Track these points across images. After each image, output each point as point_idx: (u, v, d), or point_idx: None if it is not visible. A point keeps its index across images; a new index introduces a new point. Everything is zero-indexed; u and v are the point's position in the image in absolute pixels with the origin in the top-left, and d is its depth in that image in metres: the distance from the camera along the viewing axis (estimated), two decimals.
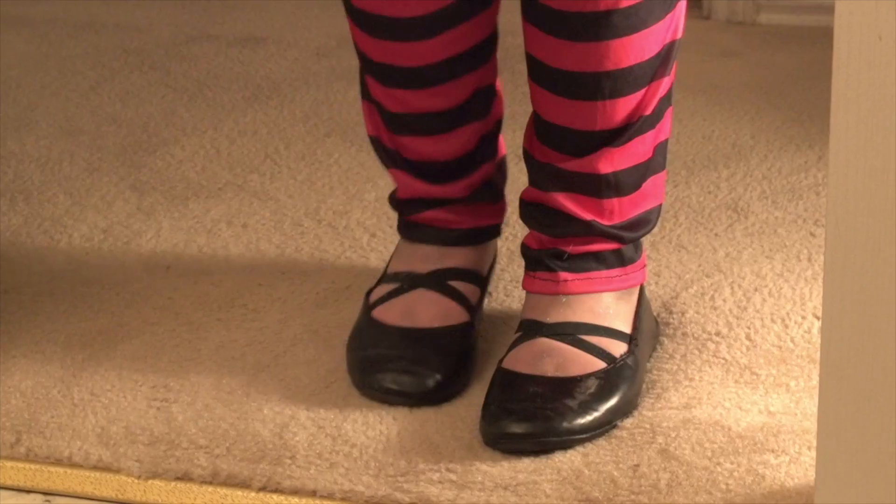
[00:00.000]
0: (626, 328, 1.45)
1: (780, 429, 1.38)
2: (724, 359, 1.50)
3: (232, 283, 1.70)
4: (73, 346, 1.58)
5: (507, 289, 1.65)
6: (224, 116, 2.19)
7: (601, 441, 1.37)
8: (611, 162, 1.41)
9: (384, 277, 1.55)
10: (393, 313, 1.50)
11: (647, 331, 1.49)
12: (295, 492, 1.34)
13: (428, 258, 1.54)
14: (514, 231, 1.78)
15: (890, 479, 1.07)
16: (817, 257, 1.69)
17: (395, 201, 1.58)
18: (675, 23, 1.40)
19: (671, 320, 1.58)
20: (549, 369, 1.40)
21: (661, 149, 1.45)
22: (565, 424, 1.36)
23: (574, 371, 1.40)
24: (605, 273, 1.45)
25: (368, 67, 1.49)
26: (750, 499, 1.29)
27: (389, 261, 1.58)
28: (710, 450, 1.35)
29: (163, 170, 2.01)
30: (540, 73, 1.41)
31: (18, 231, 1.85)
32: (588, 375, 1.40)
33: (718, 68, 2.31)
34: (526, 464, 1.35)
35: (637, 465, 1.34)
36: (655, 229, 1.58)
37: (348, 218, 1.85)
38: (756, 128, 2.07)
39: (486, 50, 1.49)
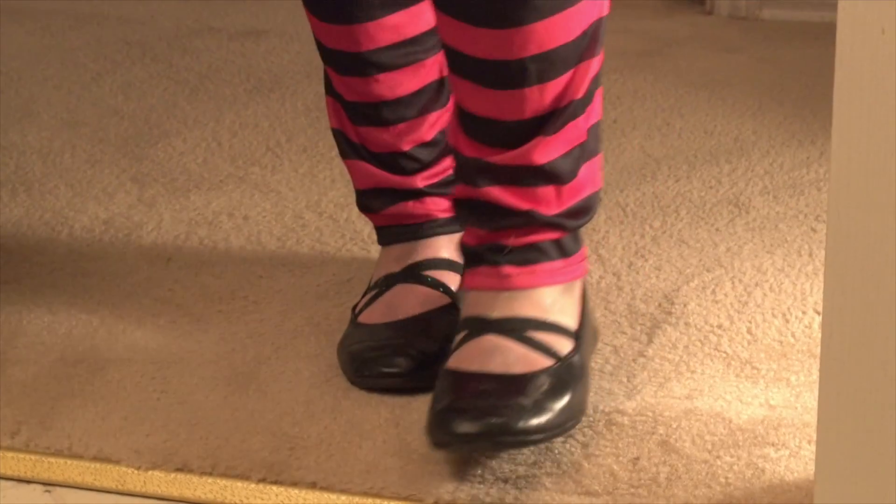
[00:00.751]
0: (572, 323, 1.39)
1: (780, 422, 1.38)
2: (725, 352, 1.50)
3: (233, 275, 1.70)
4: (73, 337, 1.58)
5: None
6: (226, 109, 2.19)
7: (602, 431, 1.37)
8: (545, 151, 1.35)
9: (367, 289, 1.55)
10: (375, 314, 1.51)
11: (589, 328, 1.43)
12: (294, 483, 1.34)
13: (401, 257, 1.55)
14: None
15: (889, 473, 1.07)
16: (818, 252, 1.69)
17: (360, 199, 1.57)
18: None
19: (673, 310, 1.58)
20: (497, 366, 1.34)
21: (594, 132, 1.39)
22: (520, 424, 1.29)
23: (523, 368, 1.34)
24: (547, 265, 1.39)
25: (324, 55, 1.51)
26: (749, 493, 1.29)
27: (372, 274, 1.59)
28: (710, 442, 1.35)
29: (164, 162, 2.01)
30: (460, 64, 1.35)
31: (20, 222, 1.85)
32: (538, 373, 1.34)
33: (721, 64, 2.31)
34: (525, 456, 1.35)
35: (637, 458, 1.34)
36: (597, 216, 1.58)
37: (349, 210, 1.85)
38: (758, 123, 2.07)
39: (435, 38, 1.48)
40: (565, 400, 1.33)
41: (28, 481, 1.38)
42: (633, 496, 1.29)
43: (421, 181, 1.54)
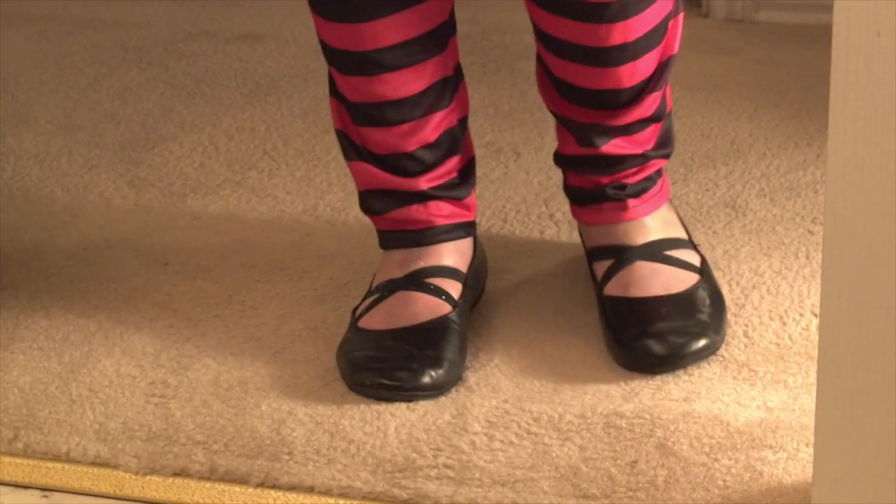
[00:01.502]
0: (685, 233, 1.58)
1: (778, 425, 1.38)
2: (722, 355, 1.50)
3: (230, 279, 1.70)
4: (71, 342, 1.58)
5: (504, 286, 1.65)
6: (222, 113, 2.19)
7: (600, 435, 1.37)
8: (653, 103, 1.52)
9: (368, 293, 1.55)
10: (376, 319, 1.51)
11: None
12: (293, 488, 1.34)
13: (403, 263, 1.55)
14: (512, 228, 1.78)
15: (887, 475, 1.07)
16: (815, 255, 1.69)
17: (363, 200, 1.57)
18: None
19: None
20: (662, 289, 1.50)
21: (670, 64, 1.53)
22: (704, 341, 1.47)
23: (683, 286, 1.51)
24: (655, 190, 1.56)
25: (328, 55, 1.51)
26: (747, 495, 1.29)
27: (373, 277, 1.58)
28: (708, 445, 1.35)
29: (161, 166, 2.01)
30: (556, 47, 1.48)
31: (17, 227, 1.85)
32: (696, 288, 1.51)
33: (717, 66, 2.31)
34: (524, 459, 1.35)
35: (635, 462, 1.34)
36: None
37: (346, 214, 1.85)
38: (755, 125, 2.07)
39: (441, 37, 1.49)
40: (724, 307, 1.53)
41: (26, 486, 1.38)
42: (632, 499, 1.29)
43: (424, 183, 1.53)
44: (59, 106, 2.24)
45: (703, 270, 1.55)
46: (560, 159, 1.59)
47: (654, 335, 1.46)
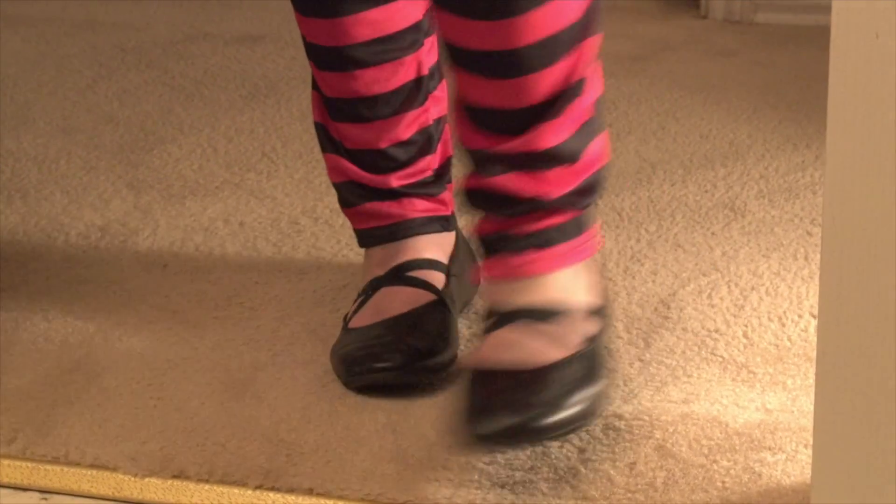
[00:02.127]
0: (595, 300, 1.39)
1: (776, 426, 1.38)
2: (721, 357, 1.50)
3: (229, 281, 1.70)
4: (69, 344, 1.58)
5: None
6: (221, 115, 2.19)
7: (599, 436, 1.37)
8: (552, 134, 1.34)
9: (356, 297, 1.55)
10: (364, 317, 1.51)
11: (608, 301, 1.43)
12: (291, 490, 1.34)
13: (383, 260, 1.55)
14: None
15: (886, 476, 1.07)
16: (814, 256, 1.69)
17: (339, 194, 1.57)
18: None
19: (670, 315, 1.58)
20: (518, 361, 1.31)
21: (598, 107, 1.38)
22: (541, 422, 1.28)
23: (544, 360, 1.31)
24: (565, 246, 1.37)
25: (307, 50, 1.51)
26: (746, 497, 1.29)
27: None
28: (706, 447, 1.35)
29: (160, 168, 2.01)
30: (461, 58, 1.35)
31: (15, 229, 1.85)
32: (560, 364, 1.31)
33: (716, 68, 2.31)
34: (522, 461, 1.35)
35: (634, 463, 1.34)
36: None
37: (345, 216, 1.85)
38: (753, 127, 2.07)
39: (415, 36, 1.49)
40: (587, 391, 1.32)
41: (25, 489, 1.38)
42: (631, 501, 1.29)
43: (396, 181, 1.54)
44: (57, 108, 2.24)
45: (586, 345, 1.35)
46: (462, 196, 1.42)
47: (479, 409, 1.29)
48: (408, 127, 1.52)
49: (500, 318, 1.36)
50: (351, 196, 1.56)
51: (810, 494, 1.11)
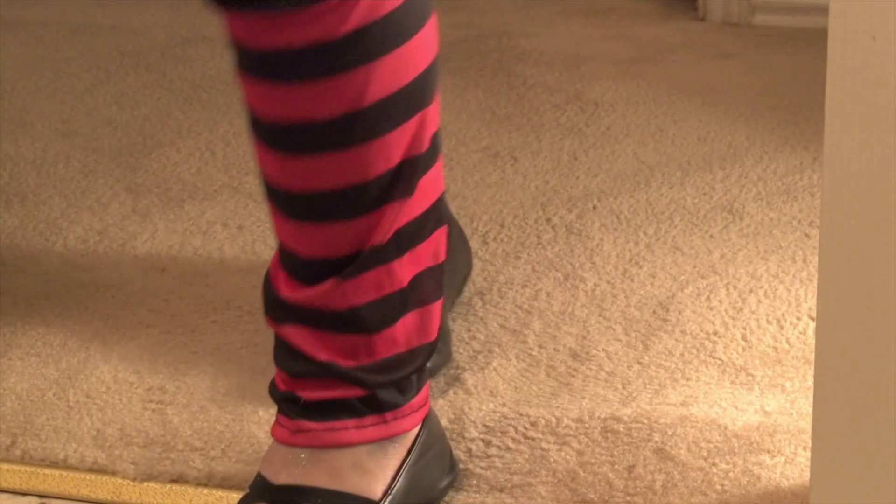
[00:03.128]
0: (377, 489, 1.21)
1: (775, 429, 1.38)
2: (720, 359, 1.50)
3: (228, 285, 1.70)
4: (68, 348, 1.58)
5: (502, 290, 1.66)
6: (219, 118, 2.19)
7: (597, 439, 1.37)
8: (343, 295, 1.18)
9: None
10: None
11: (413, 489, 1.25)
12: None
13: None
14: (509, 233, 1.79)
15: (885, 479, 1.07)
16: (812, 258, 1.69)
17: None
18: (415, 135, 1.17)
19: (668, 317, 1.58)
20: None
21: (423, 280, 1.22)
22: None
23: None
24: (353, 422, 1.21)
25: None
26: (745, 500, 1.29)
27: None
28: (705, 449, 1.35)
29: (158, 172, 2.01)
30: (270, 192, 1.21)
31: (14, 233, 1.85)
32: None
33: (713, 70, 2.31)
34: (521, 465, 1.35)
35: (633, 466, 1.34)
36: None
37: None
38: (751, 129, 2.07)
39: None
40: None
41: (23, 493, 1.37)
42: None
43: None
44: (56, 111, 2.24)
45: None
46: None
47: None
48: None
49: (258, 493, 1.23)
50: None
51: (809, 497, 1.11)
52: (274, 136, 1.17)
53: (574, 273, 1.69)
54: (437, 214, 1.22)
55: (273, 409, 1.44)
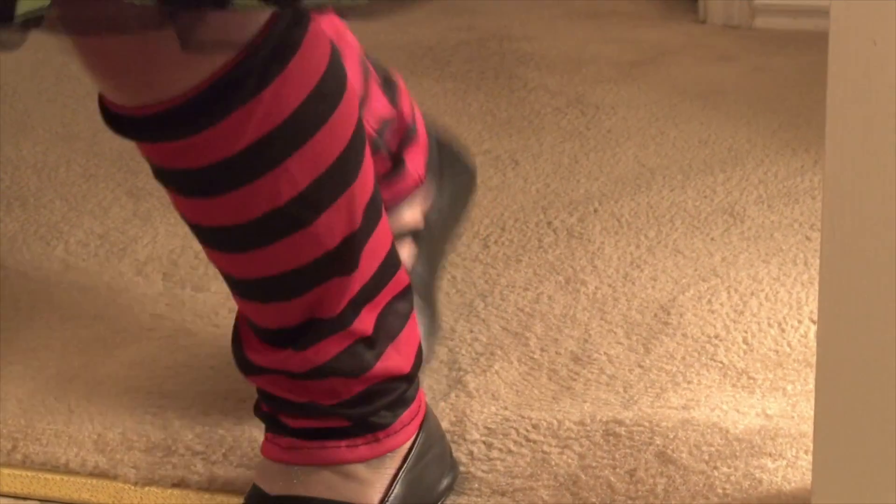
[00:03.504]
0: (373, 501, 1.23)
1: (777, 432, 1.38)
2: (721, 362, 1.50)
3: (228, 289, 1.70)
4: (69, 352, 1.58)
5: (503, 293, 1.65)
6: None
7: (599, 443, 1.37)
8: (305, 360, 1.19)
9: None
10: None
11: (411, 493, 1.25)
12: None
13: None
14: (510, 236, 1.78)
15: (886, 482, 1.07)
16: (814, 261, 1.69)
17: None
18: (346, 214, 1.16)
19: (669, 321, 1.58)
20: None
21: (391, 315, 1.22)
22: None
23: None
24: (345, 442, 1.22)
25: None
26: (747, 503, 1.29)
27: None
28: (707, 453, 1.35)
29: None
30: (219, 270, 1.23)
31: (15, 237, 1.85)
32: None
33: (714, 72, 2.31)
34: (522, 468, 1.34)
35: (634, 470, 1.33)
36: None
37: None
38: (752, 132, 2.07)
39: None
40: None
41: (24, 498, 1.37)
42: None
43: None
44: (57, 115, 2.24)
45: None
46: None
47: None
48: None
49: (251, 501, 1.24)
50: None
51: (811, 500, 1.11)
52: (200, 233, 1.18)
53: (575, 276, 1.69)
54: (391, 265, 1.21)
55: None
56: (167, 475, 1.37)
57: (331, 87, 1.13)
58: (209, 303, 1.67)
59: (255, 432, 1.41)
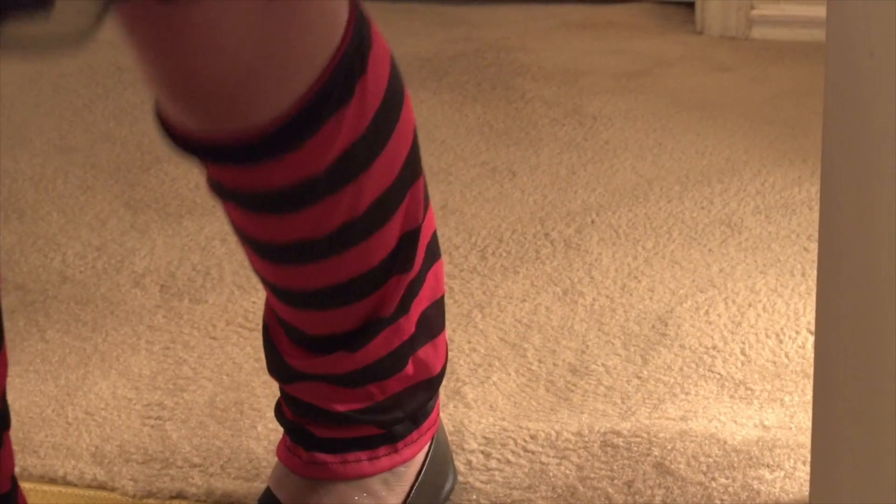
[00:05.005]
0: None
1: (775, 443, 1.38)
2: (719, 373, 1.50)
3: (226, 301, 1.70)
4: (66, 364, 1.58)
5: (501, 304, 1.65)
6: None
7: (597, 454, 1.37)
8: (354, 361, 1.17)
9: None
10: None
11: (421, 501, 1.26)
12: None
13: None
14: (508, 248, 1.79)
15: (884, 493, 1.07)
16: (811, 272, 1.69)
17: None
18: (409, 211, 1.14)
19: (667, 332, 1.58)
20: None
21: (432, 312, 1.21)
22: None
23: None
24: (366, 454, 1.22)
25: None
26: None
27: None
28: (705, 464, 1.35)
29: (156, 187, 2.01)
30: (265, 283, 1.18)
31: (12, 249, 1.85)
32: None
33: (712, 83, 2.31)
34: (520, 479, 1.34)
35: (632, 481, 1.33)
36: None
37: None
38: (749, 143, 2.07)
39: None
40: None
41: None
42: None
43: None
44: (54, 127, 2.24)
45: None
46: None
47: None
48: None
49: None
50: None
51: None
52: (266, 251, 1.12)
53: (573, 287, 1.69)
54: (432, 253, 1.19)
55: (272, 425, 1.44)
56: (165, 487, 1.37)
57: (398, 80, 1.10)
58: (207, 314, 1.67)
59: (253, 444, 1.41)
